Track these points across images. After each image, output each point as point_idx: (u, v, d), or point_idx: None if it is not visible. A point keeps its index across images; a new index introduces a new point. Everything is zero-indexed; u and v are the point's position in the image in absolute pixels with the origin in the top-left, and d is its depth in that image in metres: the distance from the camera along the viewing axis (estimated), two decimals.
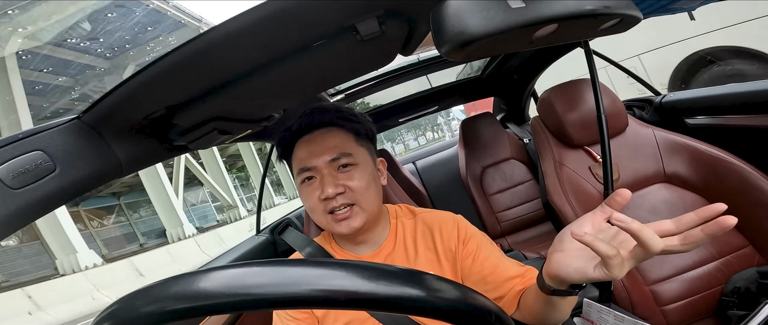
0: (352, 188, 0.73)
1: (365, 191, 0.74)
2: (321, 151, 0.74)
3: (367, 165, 0.77)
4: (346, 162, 0.74)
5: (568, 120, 1.23)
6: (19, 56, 9.93)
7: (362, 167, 0.76)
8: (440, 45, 0.50)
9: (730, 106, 1.34)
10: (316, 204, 0.74)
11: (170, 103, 0.63)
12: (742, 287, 0.98)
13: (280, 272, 0.27)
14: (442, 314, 0.29)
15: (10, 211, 0.50)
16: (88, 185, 0.61)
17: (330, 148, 0.74)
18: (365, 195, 0.74)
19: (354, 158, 0.75)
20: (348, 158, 0.74)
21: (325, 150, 0.74)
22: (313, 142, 0.76)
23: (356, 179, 0.73)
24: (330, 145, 0.75)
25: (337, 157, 0.74)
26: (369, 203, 0.75)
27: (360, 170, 0.75)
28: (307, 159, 0.75)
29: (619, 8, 0.52)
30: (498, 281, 0.75)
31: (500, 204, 2.21)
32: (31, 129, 0.54)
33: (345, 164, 0.74)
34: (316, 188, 0.73)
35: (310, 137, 0.77)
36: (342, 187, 0.73)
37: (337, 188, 0.72)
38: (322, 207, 0.73)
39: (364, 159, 0.77)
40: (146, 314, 0.27)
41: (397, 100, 2.37)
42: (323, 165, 0.74)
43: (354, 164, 0.75)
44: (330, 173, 0.73)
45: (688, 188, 1.16)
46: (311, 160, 0.74)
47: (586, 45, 1.12)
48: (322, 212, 0.74)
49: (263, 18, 0.48)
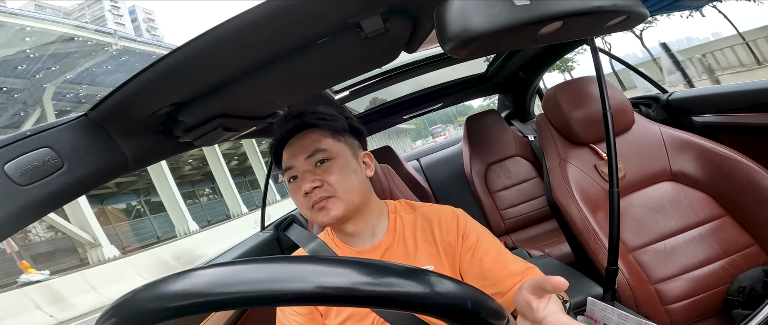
0: (329, 181, 0.77)
1: (342, 182, 0.77)
2: (298, 151, 0.80)
3: (346, 158, 0.81)
4: (321, 157, 0.78)
5: (574, 117, 1.22)
6: None
7: (339, 160, 0.79)
8: (444, 42, 0.50)
9: (737, 104, 1.32)
10: (301, 200, 0.79)
11: (176, 100, 0.63)
12: (747, 286, 0.97)
13: (280, 268, 0.27)
14: (438, 310, 0.29)
15: (18, 207, 0.51)
16: (96, 181, 0.62)
17: (306, 147, 0.79)
18: (343, 186, 0.77)
19: (329, 153, 0.79)
20: (323, 153, 0.79)
21: (302, 149, 0.79)
22: (293, 145, 0.82)
23: (333, 173, 0.77)
24: (306, 144, 0.80)
25: (313, 153, 0.78)
26: (347, 193, 0.77)
27: (337, 164, 0.78)
28: (288, 160, 0.81)
29: (625, 5, 0.52)
30: (497, 277, 0.74)
31: (505, 201, 2.21)
32: (38, 126, 0.55)
33: (321, 159, 0.78)
34: (299, 185, 0.78)
35: (291, 141, 0.83)
36: (319, 181, 0.77)
37: (314, 182, 0.76)
38: (305, 203, 0.78)
39: (341, 153, 0.81)
40: (150, 311, 0.27)
41: (402, 97, 2.36)
42: (301, 163, 0.79)
43: (330, 159, 0.79)
44: (308, 170, 0.78)
45: (695, 186, 1.15)
46: (291, 161, 0.80)
47: (591, 42, 1.11)
48: (307, 207, 0.78)
49: (268, 15, 0.48)
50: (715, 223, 1.11)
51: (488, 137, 2.32)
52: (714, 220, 1.11)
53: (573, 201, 1.14)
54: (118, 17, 41.31)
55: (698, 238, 1.10)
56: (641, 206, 1.16)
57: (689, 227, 1.12)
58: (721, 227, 1.10)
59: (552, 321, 0.47)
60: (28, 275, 9.78)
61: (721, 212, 1.11)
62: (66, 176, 0.56)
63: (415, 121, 49.63)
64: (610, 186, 0.96)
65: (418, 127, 52.06)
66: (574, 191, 1.15)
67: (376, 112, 2.42)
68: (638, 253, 1.11)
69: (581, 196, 1.14)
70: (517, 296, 0.53)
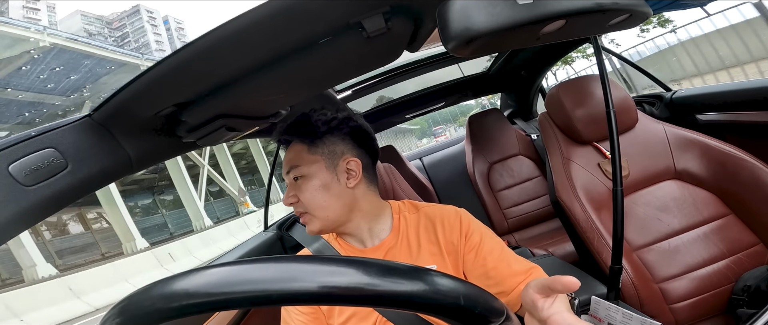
0: (301, 199, 0.78)
1: (312, 200, 0.78)
2: (284, 163, 0.82)
3: (318, 174, 0.78)
4: (296, 175, 0.79)
5: (577, 116, 1.21)
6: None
7: (311, 180, 0.78)
8: (446, 41, 0.50)
9: (741, 102, 1.31)
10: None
11: (179, 100, 0.64)
12: (752, 285, 0.97)
13: (284, 268, 0.27)
14: (438, 309, 0.29)
15: (23, 208, 0.51)
16: (100, 181, 0.62)
17: (287, 162, 0.81)
18: (312, 204, 0.78)
19: (301, 170, 0.78)
20: (297, 171, 0.79)
21: (285, 164, 0.81)
22: (284, 155, 0.84)
23: (304, 191, 0.78)
24: (288, 158, 0.81)
25: (289, 170, 0.80)
26: (318, 210, 0.78)
27: (308, 183, 0.78)
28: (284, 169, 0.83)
29: (627, 4, 0.51)
30: (501, 276, 0.75)
31: (508, 200, 2.20)
32: (43, 127, 0.55)
33: (296, 176, 0.79)
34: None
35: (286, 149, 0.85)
36: (294, 197, 0.79)
37: (290, 198, 0.79)
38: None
39: (314, 171, 0.78)
40: (156, 311, 0.27)
41: (404, 97, 2.36)
42: (286, 177, 0.81)
43: (303, 176, 0.79)
44: (289, 184, 0.81)
45: (699, 184, 1.15)
46: (284, 171, 0.83)
47: (594, 41, 1.11)
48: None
49: (270, 15, 0.49)
50: (719, 222, 1.10)
51: (491, 136, 2.31)
52: (718, 219, 1.11)
53: (576, 200, 1.13)
54: (154, 27, 43.01)
55: (703, 237, 1.10)
56: (645, 204, 1.16)
57: (693, 225, 1.11)
58: (726, 225, 1.09)
59: (557, 320, 0.47)
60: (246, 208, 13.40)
61: (725, 210, 1.11)
62: (70, 177, 0.56)
63: (420, 122, 52.63)
64: (614, 185, 0.95)
65: (422, 127, 54.08)
66: (578, 189, 1.15)
67: (378, 112, 2.42)
68: (642, 252, 1.10)
69: (585, 195, 1.14)
70: (524, 295, 0.53)
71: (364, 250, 0.83)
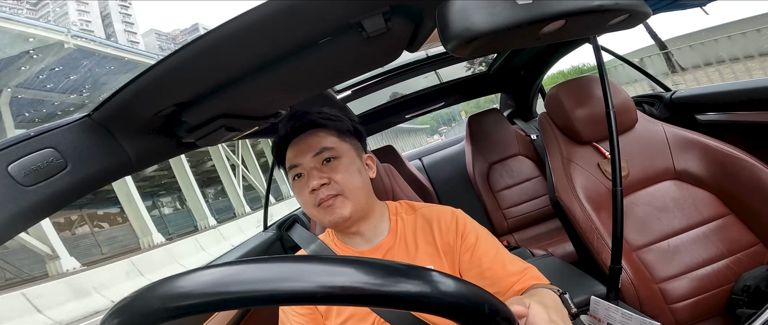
0: (336, 179, 0.77)
1: (349, 180, 0.78)
2: (306, 149, 0.80)
3: (351, 158, 0.81)
4: (329, 156, 0.79)
5: (577, 116, 1.22)
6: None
7: (345, 159, 0.80)
8: (446, 41, 0.50)
9: (741, 102, 1.31)
10: (307, 198, 0.78)
11: (178, 100, 0.64)
12: (752, 285, 0.97)
13: (283, 268, 0.27)
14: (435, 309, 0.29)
15: (22, 208, 0.51)
16: (99, 181, 0.62)
17: (312, 145, 0.80)
18: (349, 184, 0.78)
19: (336, 151, 0.80)
20: (330, 152, 0.79)
21: (309, 147, 0.80)
22: (299, 142, 0.82)
23: (340, 171, 0.78)
24: (312, 142, 0.80)
25: (320, 151, 0.79)
26: (354, 192, 0.78)
27: (343, 162, 0.79)
28: (295, 158, 0.81)
29: (627, 4, 0.51)
30: (496, 276, 0.75)
31: (507, 200, 2.20)
32: (42, 127, 0.55)
33: (328, 157, 0.79)
34: (306, 183, 0.78)
35: (297, 140, 0.83)
36: (326, 178, 0.77)
37: (321, 179, 0.76)
38: (311, 200, 0.78)
39: (347, 152, 0.81)
40: (154, 311, 0.27)
41: (404, 97, 2.36)
42: (308, 161, 0.79)
43: (336, 157, 0.79)
44: (315, 167, 0.78)
45: (699, 184, 1.15)
46: (298, 158, 0.80)
47: (594, 41, 1.11)
48: (313, 205, 0.78)
49: (270, 15, 0.49)
50: (719, 222, 1.10)
51: (491, 136, 2.31)
52: (718, 219, 1.11)
53: (576, 200, 1.13)
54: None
55: (702, 237, 1.10)
56: (645, 204, 1.16)
57: (693, 225, 1.11)
58: (725, 225, 1.09)
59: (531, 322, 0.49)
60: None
61: (725, 210, 1.11)
62: (70, 177, 0.56)
63: (429, 122, 56.27)
64: (614, 185, 0.96)
65: (432, 125, 63.23)
66: (578, 189, 1.15)
67: (377, 112, 2.42)
68: (642, 252, 1.10)
69: (584, 195, 1.14)
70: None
71: (362, 252, 0.83)
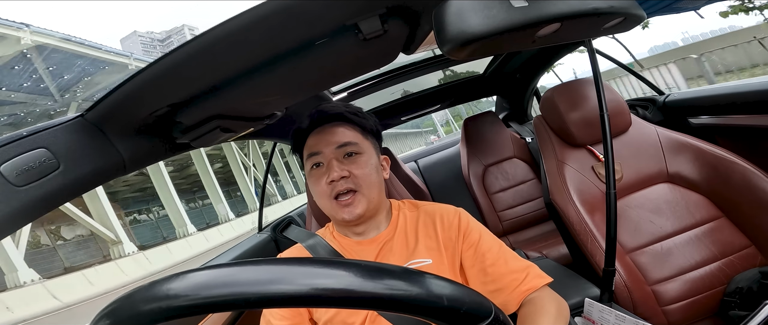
0: (355, 174, 0.78)
1: (368, 178, 0.79)
2: (329, 138, 0.81)
3: (371, 156, 0.83)
4: (351, 150, 0.80)
5: (571, 119, 1.22)
6: None
7: (366, 156, 0.82)
8: (442, 44, 0.50)
9: (733, 105, 1.33)
10: (323, 189, 0.79)
11: (173, 101, 0.63)
12: (744, 287, 0.98)
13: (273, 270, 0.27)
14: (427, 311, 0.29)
15: (13, 208, 0.51)
16: (92, 182, 0.61)
17: (337, 136, 0.81)
18: (367, 182, 0.79)
19: (359, 147, 0.81)
20: (353, 147, 0.81)
21: (333, 138, 0.81)
22: (322, 132, 0.83)
23: (360, 167, 0.79)
24: (337, 134, 0.82)
25: (344, 144, 0.80)
26: (371, 190, 0.80)
27: (364, 158, 0.81)
28: (316, 146, 0.82)
29: (622, 7, 0.52)
30: (498, 273, 0.76)
31: (502, 203, 2.21)
32: (34, 127, 0.54)
33: (350, 152, 0.80)
34: (324, 173, 0.79)
35: (320, 129, 0.83)
36: (347, 172, 0.78)
37: (342, 171, 0.78)
38: (328, 191, 0.79)
39: (367, 149, 0.83)
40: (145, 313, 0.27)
41: (399, 99, 2.36)
42: (330, 152, 0.80)
43: (359, 153, 0.81)
44: (336, 158, 0.80)
45: (691, 187, 1.16)
46: (319, 146, 0.81)
47: (589, 44, 1.12)
48: (328, 197, 0.79)
49: (266, 16, 0.48)
50: (711, 224, 1.11)
51: (486, 139, 2.32)
52: (710, 221, 1.12)
53: (570, 203, 1.14)
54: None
55: (695, 239, 1.10)
56: (638, 207, 1.17)
57: (686, 228, 1.12)
58: (718, 228, 1.10)
59: None
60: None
61: (717, 213, 1.12)
62: (62, 177, 0.55)
63: (432, 124, 58.56)
64: (607, 188, 0.96)
65: (435, 128, 67.45)
66: (572, 192, 1.16)
67: (374, 114, 2.41)
68: (635, 254, 1.11)
69: (578, 197, 1.15)
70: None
71: (360, 242, 0.84)
